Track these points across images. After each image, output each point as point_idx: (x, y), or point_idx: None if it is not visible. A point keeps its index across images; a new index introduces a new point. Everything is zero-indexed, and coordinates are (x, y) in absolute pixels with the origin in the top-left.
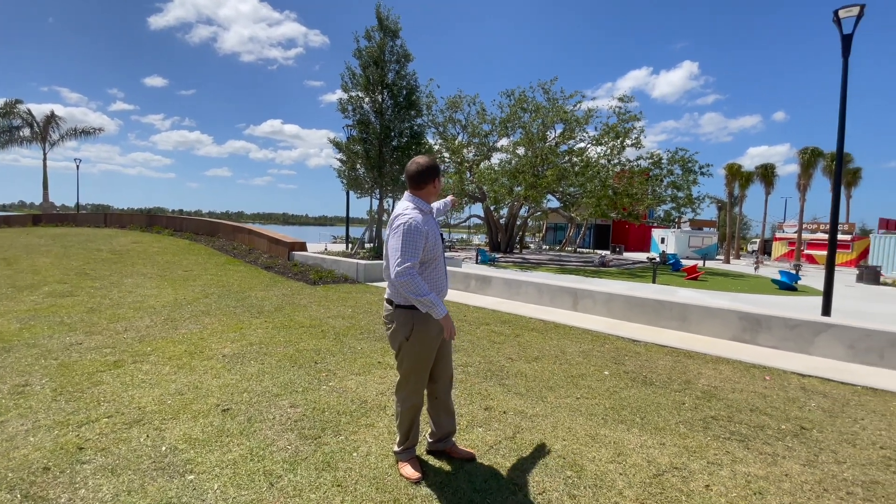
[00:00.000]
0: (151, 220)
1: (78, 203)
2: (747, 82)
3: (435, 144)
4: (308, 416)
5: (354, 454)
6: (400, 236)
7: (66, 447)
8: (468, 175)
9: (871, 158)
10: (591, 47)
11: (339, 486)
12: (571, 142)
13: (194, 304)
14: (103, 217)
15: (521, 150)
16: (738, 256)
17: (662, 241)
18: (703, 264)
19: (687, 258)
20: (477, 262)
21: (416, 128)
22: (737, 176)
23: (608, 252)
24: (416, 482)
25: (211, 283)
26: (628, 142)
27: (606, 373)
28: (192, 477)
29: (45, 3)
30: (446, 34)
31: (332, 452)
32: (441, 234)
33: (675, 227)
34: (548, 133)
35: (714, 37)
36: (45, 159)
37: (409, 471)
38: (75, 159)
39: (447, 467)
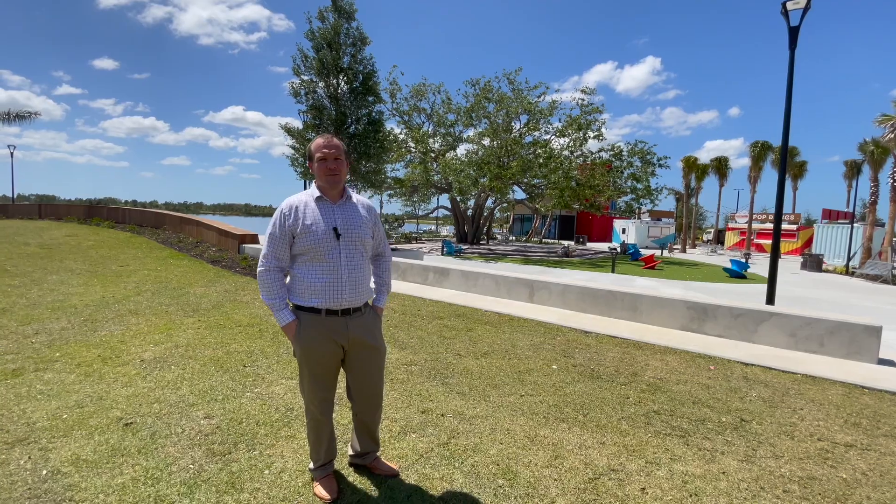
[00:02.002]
0: (90, 212)
1: (13, 193)
2: (706, 79)
3: (400, 133)
4: (222, 429)
5: (266, 472)
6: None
7: None
8: (434, 165)
9: (816, 153)
10: (560, 39)
11: None
12: (536, 133)
13: (123, 302)
14: (38, 208)
15: (486, 141)
16: (693, 246)
17: (623, 231)
18: (662, 253)
19: (646, 248)
20: (443, 254)
21: (374, 114)
22: (693, 168)
23: (572, 242)
24: (330, 503)
25: (147, 278)
26: (591, 134)
27: (555, 367)
28: None
29: None
30: (410, 23)
31: (241, 471)
32: (336, 225)
33: (635, 218)
34: (512, 124)
35: (676, 33)
36: None
37: (320, 490)
38: (9, 146)
39: (368, 483)
